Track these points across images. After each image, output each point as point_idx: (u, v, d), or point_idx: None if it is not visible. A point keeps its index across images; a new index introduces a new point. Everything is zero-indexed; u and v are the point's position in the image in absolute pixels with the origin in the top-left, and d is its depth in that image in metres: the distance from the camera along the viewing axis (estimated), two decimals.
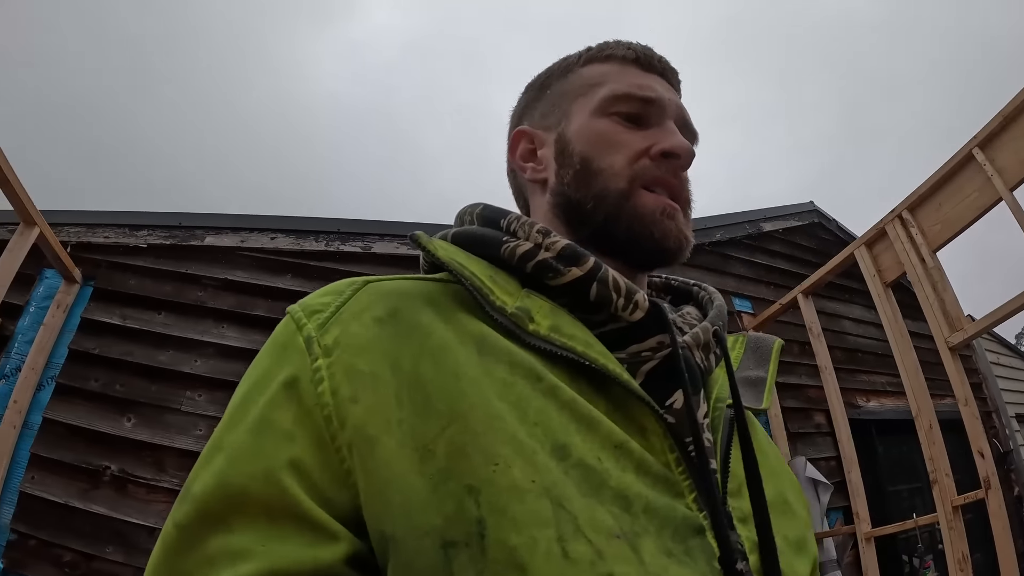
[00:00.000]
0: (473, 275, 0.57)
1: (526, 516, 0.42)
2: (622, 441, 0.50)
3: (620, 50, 0.76)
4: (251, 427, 0.48)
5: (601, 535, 0.43)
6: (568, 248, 0.60)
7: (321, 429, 0.47)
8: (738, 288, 4.78)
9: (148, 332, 3.33)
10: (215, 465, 0.47)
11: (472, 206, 0.73)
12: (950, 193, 3.17)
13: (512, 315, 0.55)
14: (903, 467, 4.71)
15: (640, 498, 0.47)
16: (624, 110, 0.71)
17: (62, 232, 3.36)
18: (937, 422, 3.02)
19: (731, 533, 0.50)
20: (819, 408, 4.25)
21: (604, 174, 0.68)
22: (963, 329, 2.99)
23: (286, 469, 0.45)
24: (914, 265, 3.24)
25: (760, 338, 0.78)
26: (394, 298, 0.56)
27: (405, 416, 0.47)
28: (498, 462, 0.44)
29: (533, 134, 0.77)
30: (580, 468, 0.46)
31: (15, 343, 3.18)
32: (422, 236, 0.60)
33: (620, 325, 0.59)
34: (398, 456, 0.45)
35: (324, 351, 0.50)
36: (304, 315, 0.54)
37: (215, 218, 3.71)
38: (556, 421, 0.49)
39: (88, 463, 3.01)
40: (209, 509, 0.45)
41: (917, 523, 3.14)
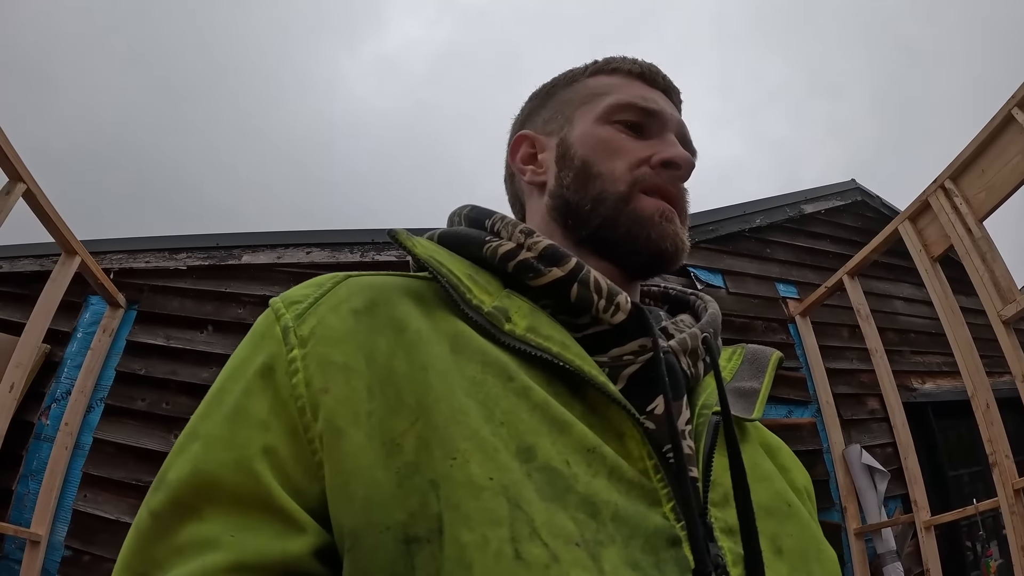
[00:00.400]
0: (451, 272, 0.57)
1: (480, 513, 0.42)
2: (594, 445, 0.49)
3: (626, 64, 0.77)
4: (227, 415, 0.48)
5: (559, 540, 0.42)
6: (550, 248, 0.60)
7: (295, 420, 0.47)
8: (782, 274, 4.64)
9: (191, 351, 3.44)
10: (190, 453, 0.47)
11: (462, 207, 0.74)
12: (992, 158, 3.01)
13: (488, 314, 0.55)
14: (963, 450, 4.49)
15: (609, 505, 0.46)
16: (627, 119, 0.72)
17: (104, 260, 3.51)
18: (995, 401, 2.87)
19: (711, 545, 0.49)
20: (872, 393, 4.08)
21: (604, 178, 0.68)
22: (1016, 300, 2.84)
23: (260, 457, 0.46)
24: (961, 237, 3.08)
25: (758, 350, 0.76)
26: (373, 291, 0.56)
27: (375, 408, 0.47)
28: (456, 456, 0.44)
29: (535, 138, 0.78)
30: (545, 471, 0.45)
31: (64, 368, 3.34)
32: (401, 233, 0.60)
33: (603, 328, 0.58)
34: (365, 449, 0.45)
35: (300, 341, 0.50)
36: (283, 306, 0.54)
37: (251, 236, 3.81)
38: (525, 422, 0.48)
39: (138, 480, 3.12)
40: (182, 497, 0.45)
41: (978, 509, 2.98)
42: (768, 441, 0.73)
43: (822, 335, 4.30)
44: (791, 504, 0.60)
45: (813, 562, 0.57)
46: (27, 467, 3.12)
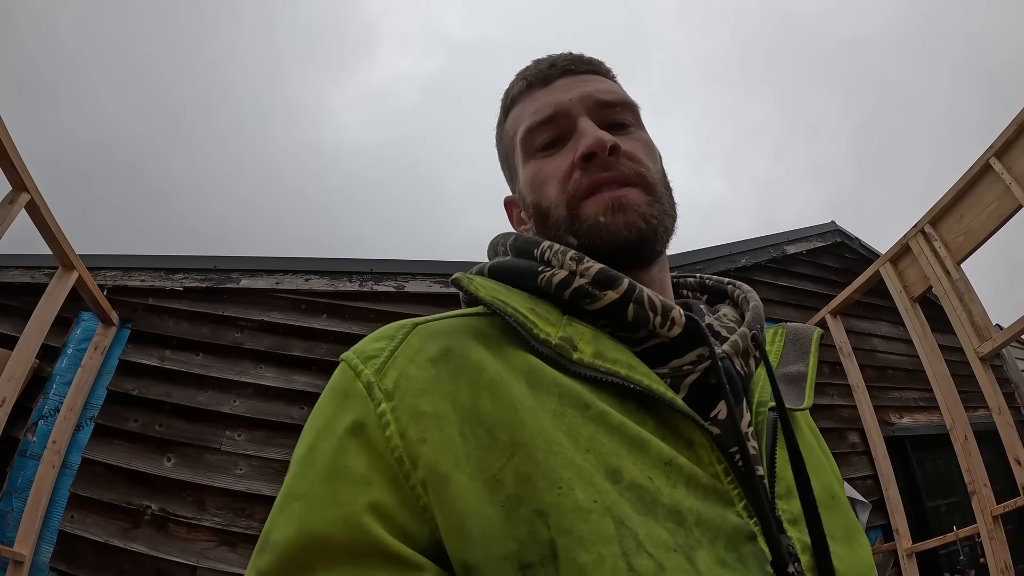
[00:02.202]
0: (516, 311, 0.58)
1: (592, 535, 0.44)
2: (671, 458, 0.51)
3: (518, 85, 0.79)
4: (323, 475, 0.49)
5: (660, 549, 0.45)
6: (601, 272, 0.61)
7: (394, 470, 0.48)
8: (766, 312, 4.72)
9: (186, 373, 3.39)
10: (293, 513, 0.48)
11: (504, 236, 0.75)
12: (970, 204, 3.19)
13: (556, 346, 0.57)
14: (940, 482, 4.66)
15: (692, 512, 0.49)
16: (539, 142, 0.73)
17: (99, 276, 3.44)
18: (972, 433, 3.01)
19: (782, 537, 0.51)
20: (852, 427, 4.22)
21: (550, 210, 0.70)
22: (992, 338, 2.99)
23: (366, 512, 0.46)
24: (939, 278, 3.25)
25: (799, 329, 0.78)
26: (444, 338, 0.57)
27: (471, 450, 0.49)
28: (561, 486, 0.46)
29: (513, 200, 0.82)
30: (633, 489, 0.48)
31: (53, 384, 3.24)
32: (462, 278, 0.61)
33: (660, 341, 0.60)
34: (470, 489, 0.47)
35: (386, 395, 0.52)
36: (360, 361, 0.55)
37: (250, 261, 3.78)
38: (607, 447, 0.50)
39: (129, 502, 3.04)
40: (292, 557, 0.46)
41: (958, 535, 3.10)
42: (812, 425, 0.76)
43: None
44: (835, 496, 0.64)
45: (857, 548, 0.61)
46: (11, 484, 3.01)
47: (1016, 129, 2.99)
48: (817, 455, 0.69)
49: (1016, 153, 3.01)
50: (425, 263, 3.88)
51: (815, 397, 0.71)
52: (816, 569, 0.51)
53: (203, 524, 3.05)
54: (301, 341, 3.54)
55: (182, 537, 3.02)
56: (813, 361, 0.73)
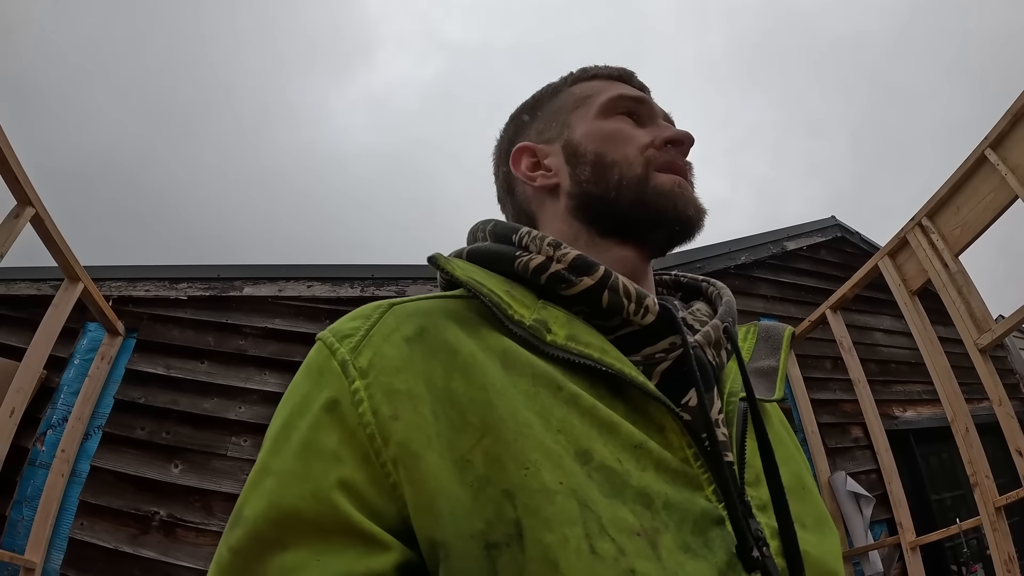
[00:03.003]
0: (491, 291, 0.59)
1: (557, 516, 0.45)
2: (641, 442, 0.52)
3: (604, 70, 0.83)
4: (297, 450, 0.50)
5: (623, 533, 0.46)
6: (579, 259, 0.63)
7: (366, 447, 0.49)
8: (767, 308, 4.81)
9: (192, 381, 3.44)
10: (265, 488, 0.49)
11: (484, 222, 0.77)
12: (967, 196, 3.19)
13: (531, 327, 0.57)
14: (945, 475, 4.65)
15: (660, 495, 0.49)
16: (623, 110, 0.77)
17: (104, 286, 3.49)
18: (974, 425, 3.00)
19: (750, 521, 0.52)
20: (855, 422, 4.23)
21: (620, 164, 0.73)
22: (991, 330, 2.98)
23: (336, 488, 0.47)
24: (938, 271, 3.24)
25: (771, 327, 0.80)
26: (420, 317, 0.58)
27: (442, 430, 0.49)
28: (528, 467, 0.47)
29: (535, 148, 0.81)
30: (602, 471, 0.49)
31: (60, 394, 3.30)
32: (440, 257, 0.63)
33: (633, 329, 0.61)
34: (441, 468, 0.47)
35: (360, 373, 0.52)
36: (336, 340, 0.56)
37: (252, 269, 3.83)
38: (578, 428, 0.51)
39: (137, 509, 3.08)
40: (262, 531, 0.47)
41: (961, 528, 3.10)
42: (783, 420, 0.77)
43: (806, 367, 4.44)
44: (805, 486, 0.65)
45: (827, 536, 0.62)
46: (21, 493, 3.06)
47: (1011, 120, 2.98)
48: (787, 446, 0.71)
49: (1011, 144, 3.00)
50: (425, 267, 3.90)
51: (817, 392, 0.73)
52: (784, 553, 0.53)
53: (211, 529, 3.09)
54: (304, 347, 3.53)
55: (190, 542, 3.07)
56: (784, 356, 0.75)
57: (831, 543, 0.62)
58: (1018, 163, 2.95)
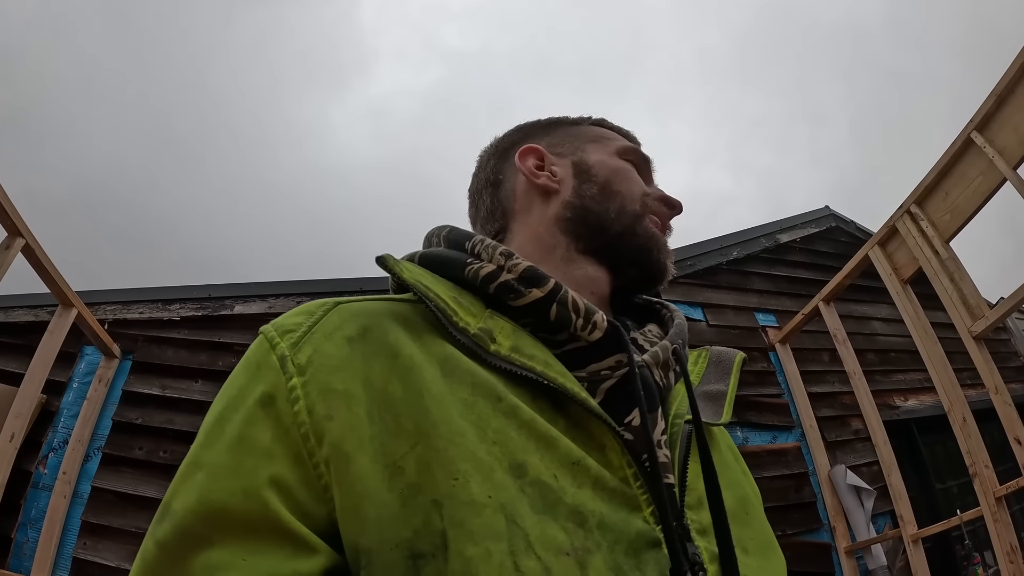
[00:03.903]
0: (437, 296, 0.59)
1: (482, 529, 0.44)
2: (579, 458, 0.51)
3: (618, 128, 0.89)
4: (230, 444, 0.49)
5: (550, 552, 0.45)
6: (529, 270, 0.63)
7: (299, 446, 0.48)
8: (761, 303, 4.76)
9: (187, 400, 3.49)
10: (195, 482, 0.48)
11: (439, 228, 0.77)
12: (955, 181, 3.14)
13: (475, 336, 0.57)
14: (950, 463, 4.55)
15: (595, 513, 0.49)
16: (632, 160, 0.83)
17: (99, 310, 3.58)
18: (971, 415, 2.95)
19: (688, 545, 0.52)
20: (855, 414, 4.14)
21: (623, 196, 0.77)
22: (984, 316, 2.93)
23: (267, 486, 0.47)
24: (928, 259, 3.19)
25: (723, 352, 0.79)
26: (364, 317, 0.58)
27: (376, 433, 0.49)
28: (458, 477, 0.46)
29: (544, 153, 0.83)
30: (536, 485, 0.48)
31: (61, 418, 3.38)
32: (389, 258, 0.62)
33: (580, 345, 0.60)
34: (371, 472, 0.47)
35: (298, 369, 0.52)
36: (277, 334, 0.55)
37: (242, 287, 3.90)
38: (515, 440, 0.50)
39: (138, 527, 3.14)
40: (190, 526, 0.46)
41: (962, 519, 3.04)
42: (731, 445, 0.77)
43: (803, 360, 4.39)
44: (749, 511, 0.65)
45: (772, 561, 0.62)
46: (26, 515, 3.13)
47: (996, 101, 2.94)
48: (733, 471, 0.71)
49: (997, 126, 2.96)
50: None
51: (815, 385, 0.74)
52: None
53: None
54: None
55: None
56: (734, 381, 0.75)
57: (774, 568, 0.62)
58: (1005, 144, 2.90)
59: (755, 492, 0.73)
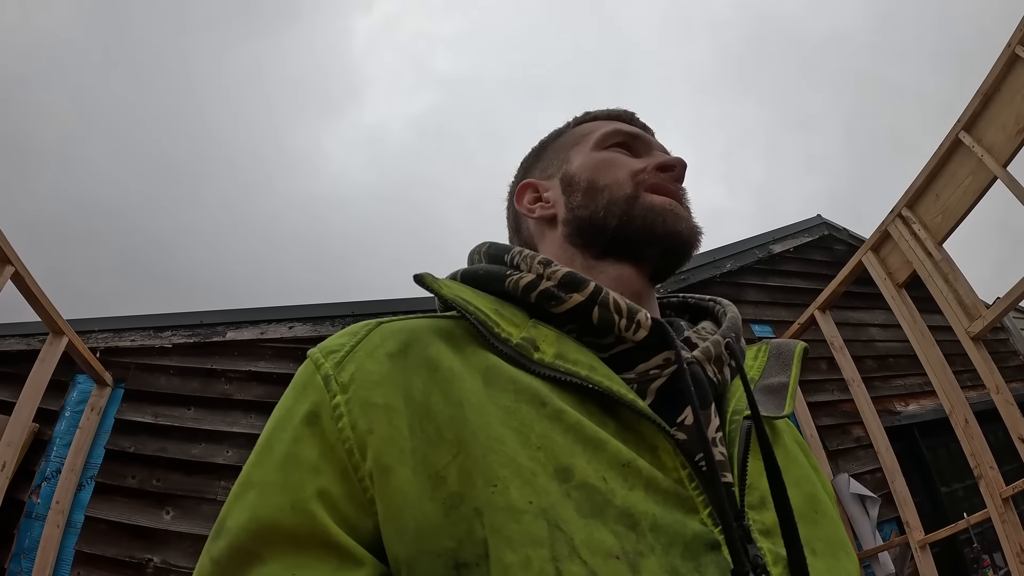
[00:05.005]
0: (478, 309, 0.59)
1: (521, 535, 0.44)
2: (629, 460, 0.50)
3: (603, 112, 0.88)
4: (278, 463, 0.50)
5: (598, 556, 0.44)
6: (568, 276, 0.63)
7: (344, 462, 0.49)
8: (756, 315, 4.74)
9: (180, 427, 3.47)
10: (247, 500, 0.50)
11: (480, 245, 0.78)
12: (945, 182, 3.13)
13: (517, 345, 0.57)
14: (955, 466, 4.51)
15: (647, 516, 0.48)
16: (617, 141, 0.81)
17: (90, 338, 3.56)
18: (973, 416, 2.91)
19: (749, 547, 0.50)
20: (856, 421, 4.11)
21: (610, 187, 0.75)
22: (981, 316, 2.91)
23: (314, 499, 0.48)
24: (922, 261, 3.17)
25: (783, 343, 0.78)
26: (405, 334, 0.58)
27: (418, 445, 0.49)
28: (496, 484, 0.46)
29: (537, 184, 0.84)
30: (583, 489, 0.47)
31: (53, 447, 3.35)
32: (428, 276, 0.62)
33: (627, 346, 0.60)
34: (412, 483, 0.47)
35: (341, 388, 0.53)
36: (322, 356, 0.57)
37: (234, 313, 3.89)
38: (560, 444, 0.50)
39: (131, 556, 3.10)
40: (242, 543, 0.47)
41: (969, 522, 3.00)
42: (800, 440, 0.76)
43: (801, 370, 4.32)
44: (818, 510, 0.62)
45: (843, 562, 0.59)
46: (19, 545, 3.09)
47: (981, 100, 2.94)
48: (801, 466, 0.68)
49: (984, 124, 2.96)
50: (406, 301, 3.96)
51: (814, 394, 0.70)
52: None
53: None
54: None
55: None
56: (795, 371, 0.73)
57: (845, 569, 0.59)
58: (993, 143, 2.90)
59: (827, 489, 0.71)
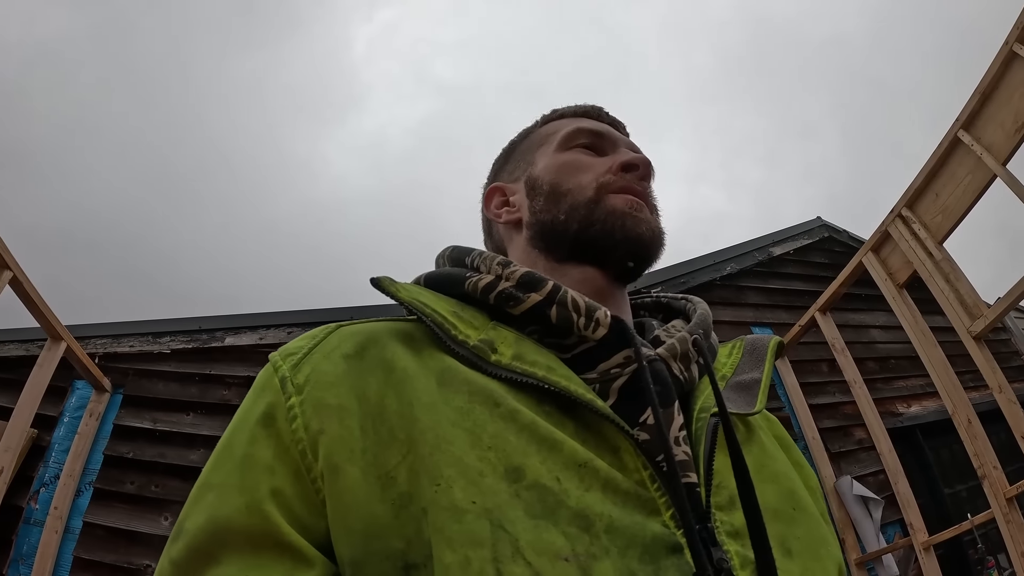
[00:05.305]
0: (435, 312, 0.59)
1: (462, 535, 0.43)
2: (586, 460, 0.50)
3: (570, 109, 0.86)
4: (236, 464, 0.51)
5: (544, 557, 0.43)
6: (526, 275, 0.62)
7: (298, 463, 0.50)
8: (757, 317, 4.73)
9: (178, 433, 3.46)
10: (205, 502, 0.50)
11: (444, 249, 0.78)
12: (944, 181, 3.12)
13: (474, 347, 0.57)
14: (957, 467, 4.49)
15: (602, 517, 0.47)
16: (582, 142, 0.79)
17: (89, 344, 3.56)
18: (976, 416, 2.90)
19: (714, 549, 0.48)
20: (858, 423, 4.08)
21: (572, 192, 0.73)
22: (983, 315, 2.90)
23: (268, 498, 0.48)
24: (923, 261, 3.17)
25: (757, 339, 0.76)
26: (363, 336, 0.59)
27: (369, 445, 0.49)
28: (440, 483, 0.46)
29: (504, 187, 0.83)
30: (534, 489, 0.47)
31: (52, 452, 3.34)
32: (385, 280, 0.62)
33: (589, 345, 0.59)
34: (360, 483, 0.47)
35: (296, 389, 0.53)
36: (280, 358, 0.57)
37: (233, 319, 3.89)
38: (512, 444, 0.49)
39: (130, 563, 3.09)
40: (199, 545, 0.48)
41: (973, 523, 2.98)
42: (781, 435, 0.74)
43: (802, 372, 4.34)
44: (797, 507, 0.60)
45: (824, 560, 0.57)
46: (17, 551, 3.08)
47: (980, 99, 2.94)
48: (780, 462, 0.66)
49: (983, 123, 2.96)
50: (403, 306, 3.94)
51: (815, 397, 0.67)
52: None
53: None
54: None
55: None
56: (768, 367, 0.71)
57: (824, 569, 0.57)
58: (992, 141, 2.90)
59: (811, 484, 0.69)
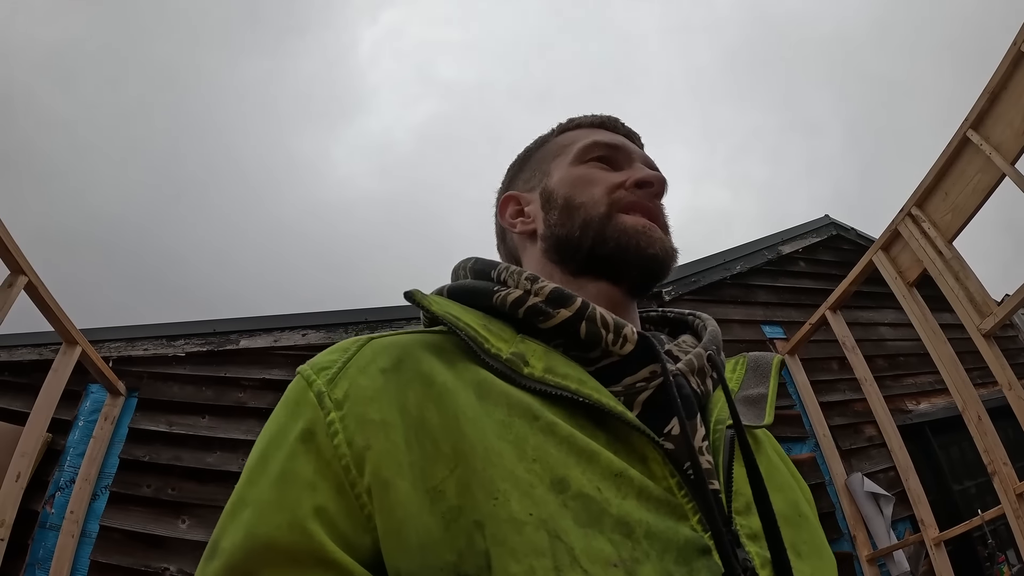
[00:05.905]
0: (467, 325, 0.60)
1: (524, 546, 0.44)
2: (621, 470, 0.51)
3: (587, 119, 0.87)
4: (273, 480, 0.50)
5: (597, 564, 0.45)
6: (556, 291, 0.63)
7: (341, 478, 0.49)
8: (767, 316, 4.75)
9: (194, 436, 3.47)
10: (242, 519, 0.49)
11: (465, 260, 0.79)
12: (954, 180, 3.15)
13: (507, 360, 0.58)
14: (967, 463, 4.52)
15: (641, 523, 0.48)
16: (596, 155, 0.80)
17: (103, 348, 3.57)
18: (986, 413, 2.92)
19: (738, 551, 0.51)
20: (868, 420, 4.12)
21: (585, 206, 0.75)
22: (993, 313, 2.92)
23: (311, 517, 0.47)
24: (932, 259, 3.19)
25: (760, 356, 0.80)
26: (397, 349, 0.59)
27: (415, 459, 0.49)
28: (497, 496, 0.46)
29: (519, 196, 0.85)
30: (579, 499, 0.48)
31: (67, 456, 3.35)
32: (417, 293, 0.63)
33: (614, 359, 0.61)
34: (411, 497, 0.48)
35: (335, 404, 0.53)
36: (313, 372, 0.56)
37: (247, 321, 3.89)
38: (554, 456, 0.50)
39: (147, 566, 3.09)
40: (237, 563, 0.47)
41: (984, 518, 3.00)
42: (779, 450, 0.77)
43: (812, 370, 4.37)
44: (802, 514, 0.64)
45: (827, 562, 0.62)
46: (33, 556, 3.08)
47: (989, 98, 2.96)
48: (782, 473, 0.70)
49: (992, 122, 2.98)
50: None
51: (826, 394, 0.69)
52: None
53: None
54: None
55: None
56: (773, 383, 0.75)
57: (827, 570, 0.61)
58: (1001, 140, 2.92)
59: (806, 495, 0.73)
